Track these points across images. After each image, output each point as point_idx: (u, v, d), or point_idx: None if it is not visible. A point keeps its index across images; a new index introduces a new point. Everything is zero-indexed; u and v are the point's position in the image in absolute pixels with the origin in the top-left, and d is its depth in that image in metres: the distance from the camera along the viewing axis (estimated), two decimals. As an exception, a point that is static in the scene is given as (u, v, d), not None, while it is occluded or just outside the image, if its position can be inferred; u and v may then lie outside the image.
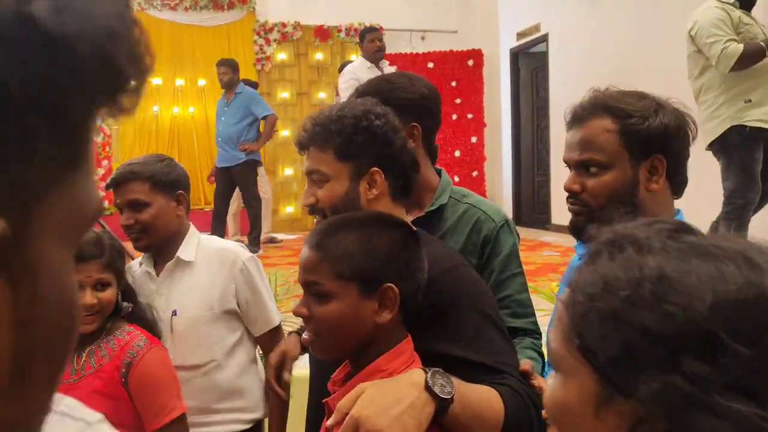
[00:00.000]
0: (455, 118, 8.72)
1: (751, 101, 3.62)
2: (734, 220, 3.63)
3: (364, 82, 1.64)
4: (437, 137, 1.62)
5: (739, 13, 3.71)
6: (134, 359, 1.46)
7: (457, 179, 8.37)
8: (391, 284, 1.06)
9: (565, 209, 1.32)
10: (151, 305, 1.68)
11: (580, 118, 1.20)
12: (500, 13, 8.76)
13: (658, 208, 1.18)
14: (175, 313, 1.75)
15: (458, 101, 8.62)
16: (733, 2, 3.73)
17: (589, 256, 0.61)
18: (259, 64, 8.77)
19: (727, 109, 3.69)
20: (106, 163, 8.13)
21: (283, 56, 8.86)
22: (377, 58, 5.25)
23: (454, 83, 8.53)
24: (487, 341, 1.14)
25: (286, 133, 8.23)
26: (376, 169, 1.32)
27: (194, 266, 1.80)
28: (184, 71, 8.60)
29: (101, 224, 3.70)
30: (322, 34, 8.88)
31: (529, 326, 1.45)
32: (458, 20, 9.01)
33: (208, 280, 1.79)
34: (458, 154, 8.53)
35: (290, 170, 8.59)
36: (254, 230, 6.25)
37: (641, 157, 1.16)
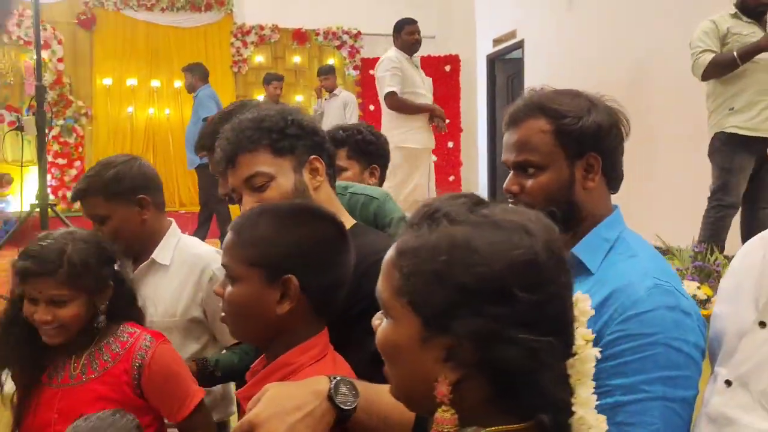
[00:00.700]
0: (432, 123, 8.75)
1: (734, 109, 3.79)
2: (712, 218, 3.85)
3: (405, 72, 1.71)
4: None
5: (730, 24, 3.82)
6: (144, 360, 1.41)
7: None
8: (291, 276, 1.06)
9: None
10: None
11: (515, 119, 1.21)
12: (477, 19, 8.83)
13: (595, 204, 1.20)
14: None
15: (435, 106, 8.66)
16: (734, 13, 3.86)
17: (410, 225, 0.77)
18: (236, 66, 8.72)
19: (715, 116, 3.90)
20: (78, 164, 8.02)
21: (260, 59, 8.83)
22: (413, 50, 5.02)
23: (430, 88, 8.56)
24: None
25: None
26: (314, 156, 1.34)
27: (169, 270, 1.77)
28: (159, 72, 8.52)
29: (65, 222, 3.63)
30: (299, 37, 8.86)
31: None
32: (436, 26, 9.05)
33: (177, 286, 1.76)
34: (434, 158, 8.56)
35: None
36: (200, 231, 6.10)
37: (576, 155, 1.18)
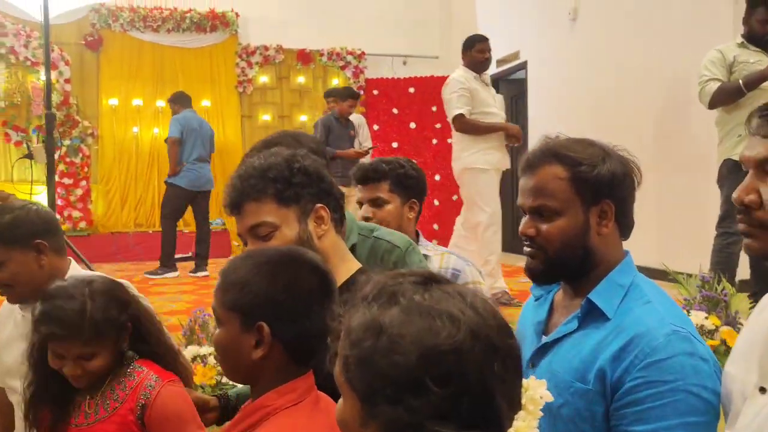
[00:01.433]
0: (435, 143, 8.77)
1: (741, 136, 3.77)
2: (719, 246, 3.85)
3: (473, 91, 1.68)
4: (419, 162, 1.66)
5: (736, 53, 3.86)
6: (148, 400, 1.41)
7: (436, 203, 8.41)
8: (262, 323, 1.07)
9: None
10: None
11: (532, 165, 1.25)
12: (480, 40, 8.87)
13: (608, 250, 1.24)
14: None
15: (438, 126, 8.66)
16: (741, 42, 3.90)
17: (361, 299, 0.77)
18: (240, 86, 8.78)
19: (723, 144, 3.92)
20: (84, 183, 8.05)
21: (264, 79, 8.88)
22: (483, 68, 4.86)
23: (434, 108, 8.57)
24: None
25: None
26: (320, 205, 1.34)
27: None
28: (165, 92, 8.54)
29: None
30: (304, 57, 8.93)
31: None
32: (440, 46, 9.12)
33: None
34: (438, 178, 8.55)
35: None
36: (164, 250, 6.32)
37: (591, 202, 1.22)
